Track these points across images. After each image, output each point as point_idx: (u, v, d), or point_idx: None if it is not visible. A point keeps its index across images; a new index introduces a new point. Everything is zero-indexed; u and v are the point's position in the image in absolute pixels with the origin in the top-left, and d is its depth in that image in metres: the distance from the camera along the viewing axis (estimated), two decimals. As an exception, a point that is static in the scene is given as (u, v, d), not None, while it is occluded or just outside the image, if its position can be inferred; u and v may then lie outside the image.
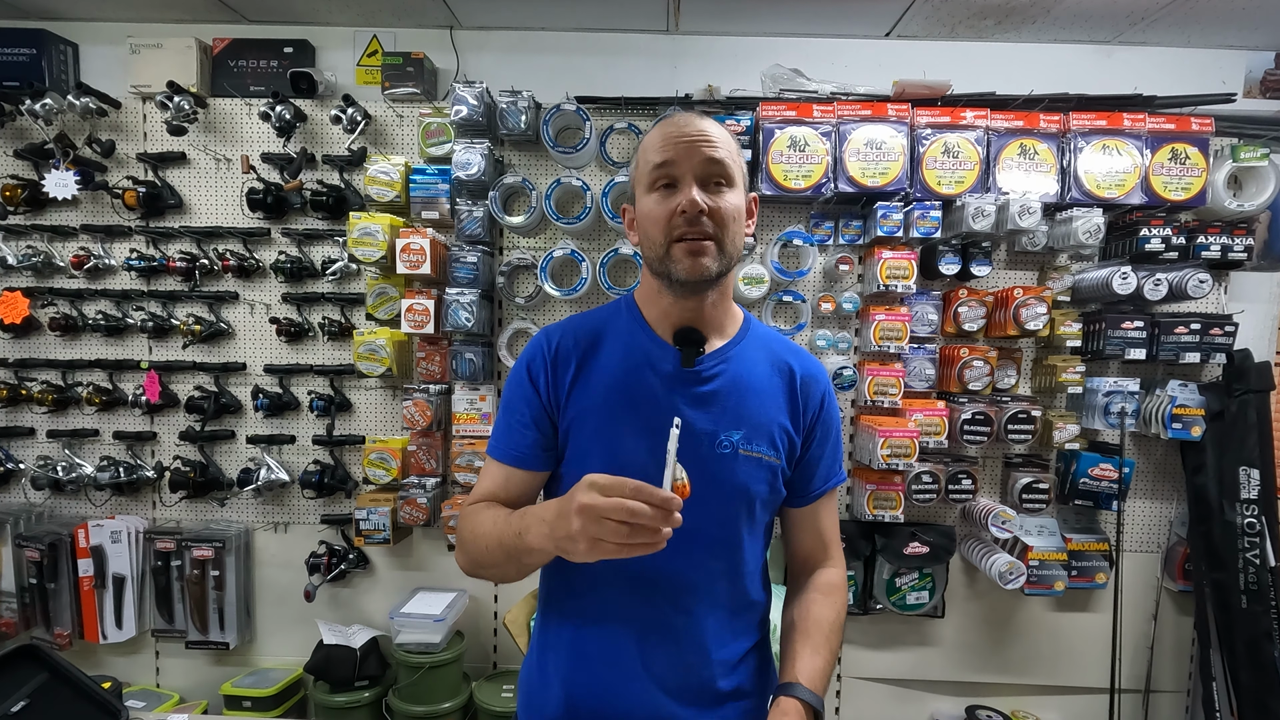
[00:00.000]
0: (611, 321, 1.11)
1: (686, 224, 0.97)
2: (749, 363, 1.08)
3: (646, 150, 1.03)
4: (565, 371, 1.07)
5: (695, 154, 0.98)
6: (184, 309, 2.43)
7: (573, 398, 1.06)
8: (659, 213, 0.99)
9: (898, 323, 2.19)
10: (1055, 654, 2.46)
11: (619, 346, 1.08)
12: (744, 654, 1.11)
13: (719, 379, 1.06)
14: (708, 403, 1.04)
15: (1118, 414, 2.22)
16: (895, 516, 2.22)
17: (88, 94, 2.29)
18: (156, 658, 2.52)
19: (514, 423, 1.08)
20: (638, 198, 1.04)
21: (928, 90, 2.22)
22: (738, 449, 1.04)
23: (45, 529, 2.42)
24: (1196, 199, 2.20)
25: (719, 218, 0.98)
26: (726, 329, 1.10)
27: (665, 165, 0.99)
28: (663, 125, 1.02)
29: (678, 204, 0.97)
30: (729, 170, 1.00)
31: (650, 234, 1.01)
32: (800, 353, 1.14)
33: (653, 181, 1.00)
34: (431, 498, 2.29)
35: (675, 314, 1.06)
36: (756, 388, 1.07)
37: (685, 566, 1.04)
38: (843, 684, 2.49)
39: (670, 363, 1.05)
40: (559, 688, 1.08)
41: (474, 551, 1.03)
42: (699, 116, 1.02)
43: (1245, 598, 2.18)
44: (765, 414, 1.06)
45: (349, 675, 2.27)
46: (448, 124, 2.27)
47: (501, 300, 2.43)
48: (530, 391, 1.07)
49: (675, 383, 1.04)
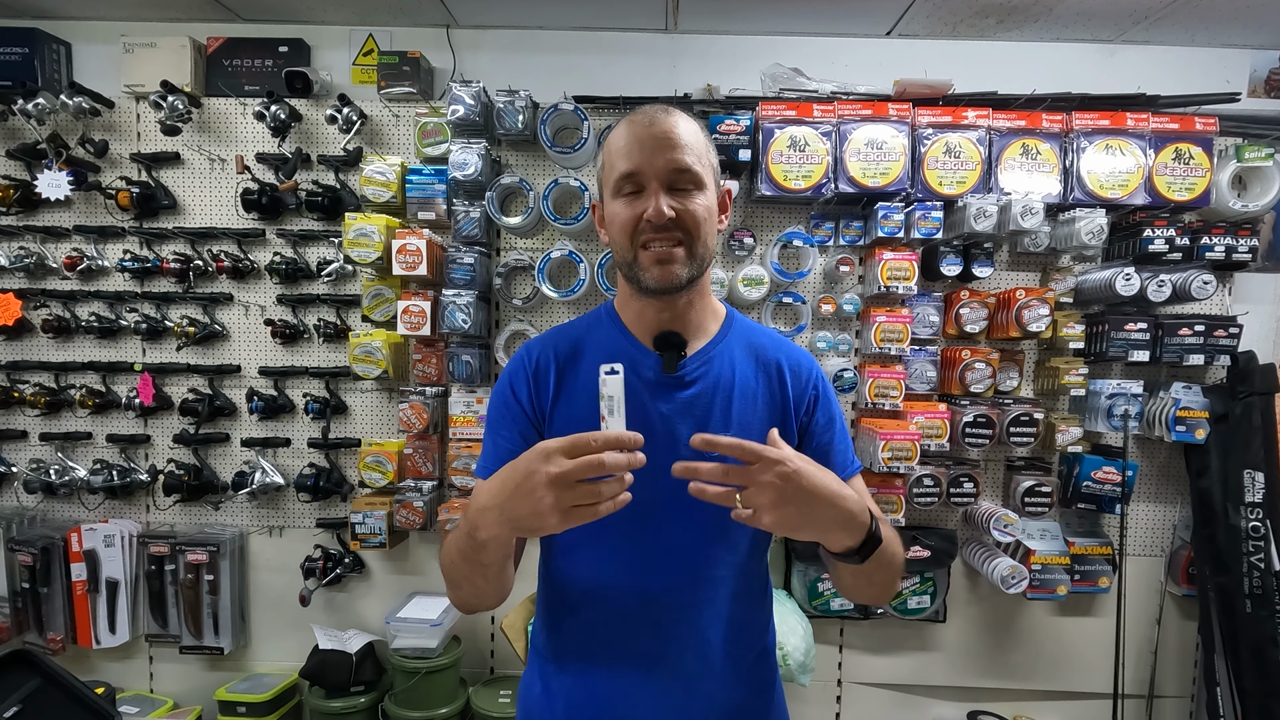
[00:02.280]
0: (592, 330, 1.10)
1: (653, 231, 0.96)
2: (733, 361, 1.06)
3: (612, 152, 1.00)
4: (546, 385, 1.05)
5: (661, 159, 0.95)
6: (178, 311, 2.41)
7: (557, 410, 1.04)
8: (625, 218, 0.97)
9: (899, 324, 2.17)
10: (1058, 659, 2.44)
11: (601, 354, 1.05)
12: (749, 663, 1.09)
13: (702, 381, 1.04)
14: (693, 407, 1.02)
15: (1121, 416, 2.20)
16: (896, 520, 2.20)
17: (81, 93, 2.26)
18: (150, 663, 2.50)
19: (500, 442, 1.05)
20: (605, 200, 1.03)
21: (929, 90, 2.20)
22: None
23: (38, 533, 2.40)
24: (1200, 199, 2.18)
25: (688, 221, 0.96)
26: (708, 327, 1.08)
27: (632, 175, 0.96)
28: (630, 124, 0.99)
29: (643, 211, 0.95)
30: (697, 174, 0.97)
31: (617, 240, 1.00)
32: (784, 344, 1.12)
33: (618, 188, 0.98)
34: (428, 501, 2.27)
35: (652, 317, 1.05)
36: (742, 386, 1.05)
37: (683, 577, 1.02)
38: (843, 689, 2.47)
39: (652, 369, 1.03)
40: (560, 701, 1.07)
41: (450, 576, 0.99)
42: (665, 112, 0.99)
43: (1250, 602, 2.16)
44: (753, 412, 1.04)
45: (345, 681, 2.25)
46: (444, 124, 2.25)
47: (499, 302, 2.41)
48: (515, 408, 1.06)
49: (658, 388, 1.03)
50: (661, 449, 0.97)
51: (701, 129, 1.01)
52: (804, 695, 2.40)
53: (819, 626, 2.35)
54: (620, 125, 1.01)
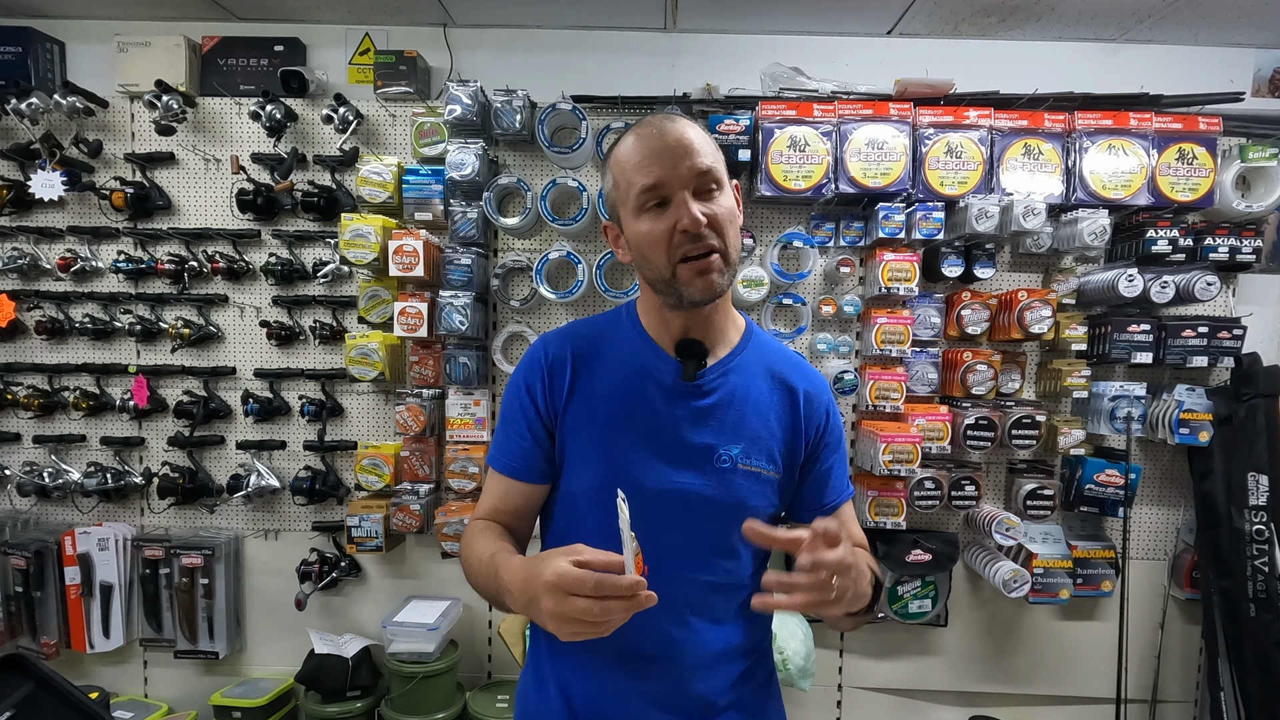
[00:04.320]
0: (611, 331, 1.09)
1: (690, 241, 0.93)
2: (750, 375, 1.06)
3: (627, 169, 0.97)
4: (561, 381, 1.04)
5: (683, 166, 0.93)
6: (173, 312, 2.39)
7: (570, 408, 1.04)
8: (657, 233, 0.94)
9: (900, 326, 2.15)
10: (1060, 663, 2.42)
11: (619, 357, 1.05)
12: (746, 667, 1.09)
13: (719, 391, 1.03)
14: (708, 416, 1.02)
15: (1124, 419, 2.19)
16: (897, 523, 2.18)
17: (74, 93, 2.24)
18: (144, 667, 2.48)
19: (511, 433, 1.06)
20: (625, 220, 0.99)
21: (930, 89, 2.18)
22: (736, 463, 1.02)
23: (31, 536, 2.38)
24: (1204, 200, 2.17)
25: (718, 225, 0.95)
26: (729, 336, 1.08)
27: (656, 187, 0.94)
28: (639, 138, 0.97)
29: (677, 222, 0.93)
30: (718, 174, 0.96)
31: (651, 258, 0.97)
32: (801, 365, 1.12)
33: (642, 204, 0.96)
34: (425, 504, 2.25)
35: (676, 325, 1.04)
36: (756, 401, 1.05)
37: (681, 583, 1.02)
38: (844, 694, 2.46)
39: (671, 375, 1.03)
40: (557, 703, 1.07)
41: (472, 581, 1.02)
42: (672, 120, 0.97)
43: (1254, 606, 2.15)
44: (765, 428, 1.04)
45: (341, 685, 2.23)
46: (441, 124, 2.23)
47: (496, 303, 2.39)
48: (527, 401, 1.05)
49: (675, 395, 1.02)
50: (670, 455, 1.00)
51: (706, 131, 1.00)
52: (804, 700, 2.38)
53: (819, 631, 2.33)
54: (626, 140, 0.98)
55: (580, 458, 1.03)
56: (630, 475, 0.99)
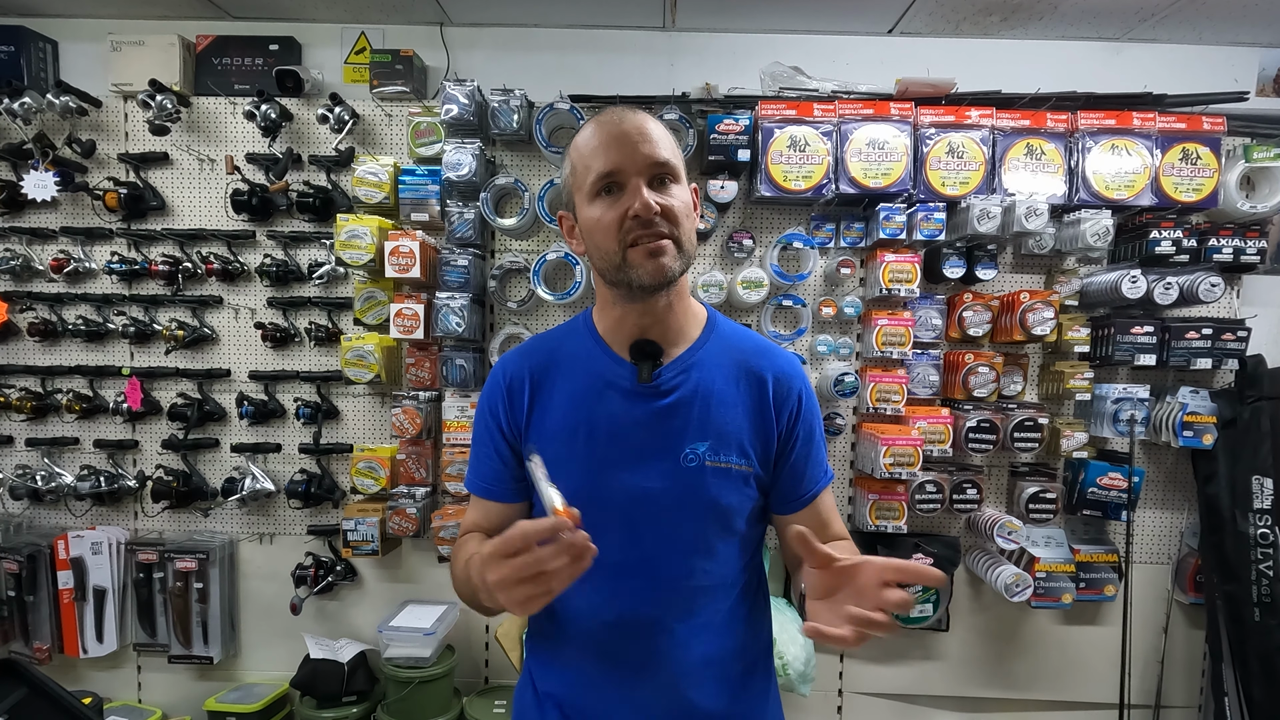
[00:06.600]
0: (568, 342, 1.09)
1: (640, 227, 0.93)
2: (714, 368, 1.04)
3: (583, 154, 0.97)
4: (521, 400, 1.05)
5: (640, 154, 0.93)
6: (166, 313, 2.37)
7: (532, 425, 1.04)
8: (609, 219, 0.94)
9: (901, 328, 2.14)
10: (1063, 668, 2.40)
11: (577, 367, 1.05)
12: (738, 672, 1.08)
13: (681, 389, 1.02)
14: (670, 415, 1.01)
15: (1127, 421, 2.17)
16: (898, 527, 2.17)
17: (67, 92, 2.22)
18: (138, 672, 2.45)
19: (481, 456, 1.09)
20: (579, 205, 0.99)
21: (931, 89, 2.17)
22: (704, 461, 1.00)
23: (24, 540, 2.36)
24: (1208, 200, 2.15)
25: (672, 216, 0.94)
26: (689, 332, 1.06)
27: (611, 174, 0.94)
28: (599, 125, 0.97)
29: (628, 208, 0.92)
30: (674, 167, 0.96)
31: (601, 243, 0.96)
32: (770, 350, 1.09)
33: (597, 190, 0.95)
34: (421, 508, 2.23)
35: (630, 323, 1.02)
36: (721, 394, 1.02)
37: (662, 589, 1.01)
38: (844, 699, 2.44)
39: (629, 379, 1.02)
40: (552, 709, 1.07)
41: (457, 588, 1.04)
42: (632, 111, 0.97)
43: (1258, 610, 2.13)
44: (733, 421, 1.02)
45: (336, 690, 2.21)
46: (438, 123, 2.21)
47: (493, 305, 2.37)
48: (491, 424, 1.07)
49: (635, 398, 1.01)
50: (634, 458, 0.99)
51: (667, 128, 1.00)
52: (804, 705, 2.37)
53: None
54: (586, 128, 0.99)
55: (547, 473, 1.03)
56: (598, 483, 0.99)
